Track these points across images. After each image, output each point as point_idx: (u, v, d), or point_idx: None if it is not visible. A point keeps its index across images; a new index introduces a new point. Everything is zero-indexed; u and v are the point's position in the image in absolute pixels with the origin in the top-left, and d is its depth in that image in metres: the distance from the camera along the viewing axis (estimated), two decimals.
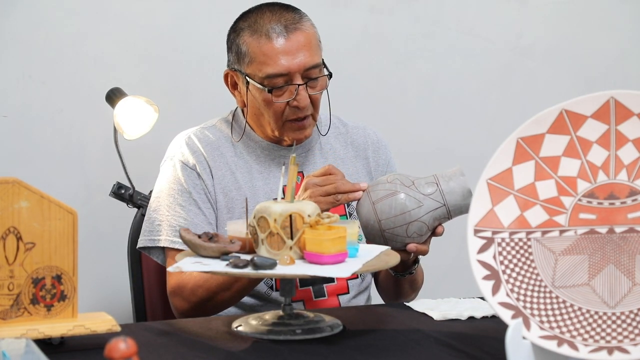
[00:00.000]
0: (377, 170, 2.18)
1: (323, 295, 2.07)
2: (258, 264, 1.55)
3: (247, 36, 2.02)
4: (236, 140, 2.10)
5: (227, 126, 2.13)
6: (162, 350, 1.55)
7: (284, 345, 1.59)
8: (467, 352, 1.55)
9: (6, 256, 1.48)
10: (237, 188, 2.06)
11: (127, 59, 2.73)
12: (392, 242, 1.84)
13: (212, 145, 2.09)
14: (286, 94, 2.00)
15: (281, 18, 2.01)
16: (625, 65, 3.23)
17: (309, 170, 2.11)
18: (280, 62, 1.98)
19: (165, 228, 2.02)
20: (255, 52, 2.00)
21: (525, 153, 1.50)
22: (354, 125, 2.22)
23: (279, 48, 1.99)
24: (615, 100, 1.47)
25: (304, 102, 2.00)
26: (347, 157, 2.17)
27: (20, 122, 2.66)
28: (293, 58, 1.99)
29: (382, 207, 1.83)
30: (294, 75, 1.99)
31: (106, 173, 2.66)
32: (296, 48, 1.99)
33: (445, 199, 1.84)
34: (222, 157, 2.08)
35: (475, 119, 3.10)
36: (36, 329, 1.47)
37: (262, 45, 1.99)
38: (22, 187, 1.48)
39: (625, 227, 1.46)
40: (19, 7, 2.64)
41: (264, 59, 1.99)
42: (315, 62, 2.01)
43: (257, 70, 2.00)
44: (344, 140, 2.19)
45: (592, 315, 1.41)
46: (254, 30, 2.01)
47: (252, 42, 2.01)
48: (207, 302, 1.94)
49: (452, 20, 3.06)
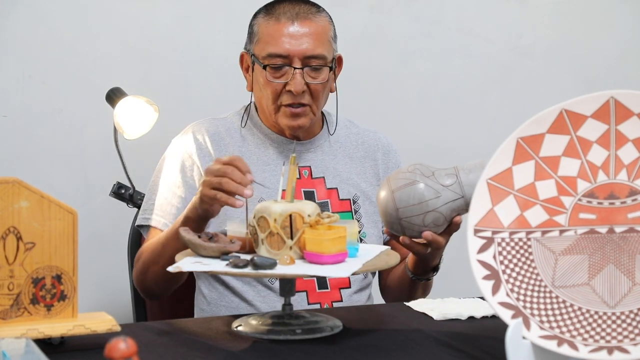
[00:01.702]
0: (387, 173, 2.19)
1: (326, 287, 2.07)
2: (258, 263, 1.55)
3: (261, 17, 2.08)
4: (242, 126, 2.13)
5: (238, 118, 2.16)
6: (162, 350, 1.55)
7: (284, 345, 1.59)
8: (467, 352, 1.55)
9: (6, 256, 1.48)
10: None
11: (127, 59, 2.73)
12: (408, 230, 1.85)
13: (217, 136, 2.11)
14: (283, 77, 2.04)
15: (296, 7, 2.06)
16: (625, 65, 3.23)
17: (317, 164, 2.12)
18: (283, 43, 2.03)
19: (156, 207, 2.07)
20: (262, 32, 2.06)
21: (525, 153, 1.50)
22: (366, 128, 2.24)
23: (284, 31, 2.04)
24: (615, 100, 1.47)
25: (298, 87, 2.02)
26: (357, 156, 2.18)
27: (20, 122, 2.66)
28: (296, 43, 2.03)
29: (401, 195, 1.83)
30: (293, 60, 2.03)
31: (106, 173, 2.66)
32: (301, 34, 2.03)
33: (464, 190, 1.84)
34: (226, 147, 2.10)
35: (475, 119, 3.10)
36: (36, 329, 1.47)
37: (270, 26, 2.05)
38: (22, 187, 1.48)
39: (625, 227, 1.46)
40: (19, 7, 2.64)
41: (268, 38, 2.05)
42: (318, 52, 2.04)
43: (261, 49, 2.05)
44: (355, 140, 2.20)
45: (592, 315, 1.41)
46: (268, 13, 2.07)
47: (262, 23, 2.07)
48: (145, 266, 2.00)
49: (452, 20, 3.06)
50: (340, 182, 2.13)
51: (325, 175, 2.13)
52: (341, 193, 2.12)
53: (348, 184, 2.14)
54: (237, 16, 2.82)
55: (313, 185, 2.11)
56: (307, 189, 2.09)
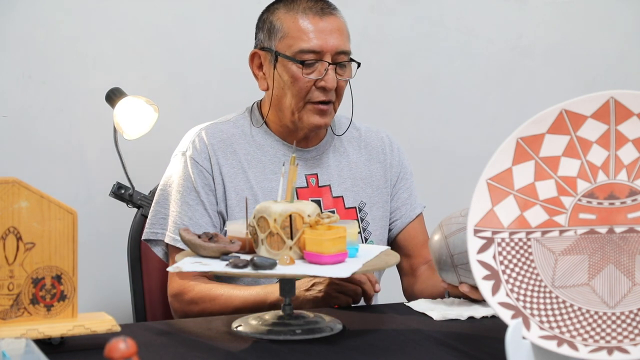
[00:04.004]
0: (391, 171, 2.18)
1: None
2: (258, 264, 1.55)
3: (282, 13, 2.05)
4: (257, 126, 2.10)
5: (244, 120, 2.13)
6: (162, 350, 1.55)
7: (284, 345, 1.59)
8: (467, 352, 1.55)
9: (6, 256, 1.48)
10: (250, 187, 2.05)
11: (127, 59, 2.73)
12: (465, 278, 1.79)
13: (224, 142, 2.08)
14: (315, 72, 2.02)
15: (317, 2, 2.05)
16: (625, 65, 3.23)
17: (323, 172, 2.11)
18: (315, 39, 2.01)
19: (169, 224, 2.03)
20: (289, 28, 2.03)
21: (525, 153, 1.50)
22: (367, 128, 2.22)
23: (315, 26, 2.02)
24: (615, 100, 1.47)
25: (332, 83, 2.02)
26: (360, 161, 2.17)
27: (20, 122, 2.66)
28: (326, 38, 2.02)
29: (455, 241, 1.79)
30: (325, 55, 2.02)
31: (106, 173, 2.66)
32: (330, 30, 2.02)
33: None
34: (234, 154, 2.07)
35: (475, 119, 3.10)
36: (36, 329, 1.47)
37: (297, 21, 2.02)
38: (22, 187, 1.48)
39: (625, 227, 1.46)
40: (19, 7, 2.64)
41: (298, 34, 2.02)
42: (346, 47, 2.04)
43: (289, 45, 2.02)
44: (357, 145, 2.19)
45: (592, 315, 1.41)
46: (290, 8, 2.04)
47: (287, 18, 2.04)
48: (202, 313, 1.95)
49: (452, 20, 3.06)
50: (345, 190, 2.12)
51: (331, 184, 2.12)
52: (347, 201, 2.12)
53: (353, 191, 2.13)
54: (237, 16, 2.82)
55: (320, 193, 2.10)
56: (314, 198, 2.08)
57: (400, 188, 2.19)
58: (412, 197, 2.20)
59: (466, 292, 1.79)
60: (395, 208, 2.18)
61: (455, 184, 3.01)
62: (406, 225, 2.18)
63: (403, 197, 2.19)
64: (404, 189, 2.20)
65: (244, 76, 2.31)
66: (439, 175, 3.07)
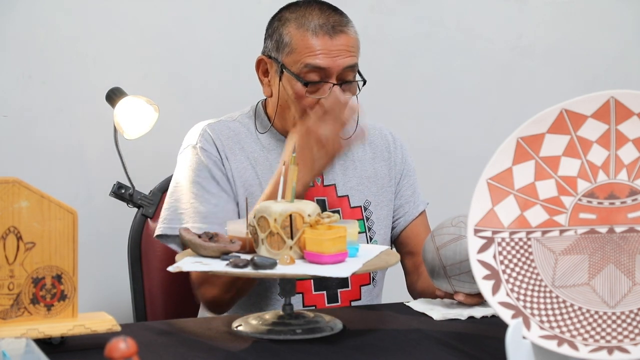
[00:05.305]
0: (395, 169, 2.18)
1: (336, 301, 2.06)
2: (258, 263, 1.55)
3: (292, 27, 2.02)
4: (262, 132, 2.09)
5: (249, 120, 2.12)
6: (162, 350, 1.55)
7: (284, 345, 1.59)
8: (467, 352, 1.55)
9: (6, 256, 1.48)
10: (259, 184, 2.05)
11: (127, 59, 2.73)
12: (460, 289, 1.79)
13: (232, 139, 2.07)
14: (319, 92, 2.00)
15: (330, 18, 2.02)
16: (625, 65, 3.23)
17: (328, 173, 2.10)
18: (321, 58, 1.99)
19: (190, 215, 2.00)
20: (298, 44, 2.00)
21: (525, 153, 1.50)
22: (371, 126, 2.21)
23: (323, 45, 1.99)
24: (615, 100, 1.47)
25: None
26: (365, 159, 2.16)
27: (20, 122, 2.66)
28: (333, 58, 1.99)
29: (447, 252, 1.78)
30: (331, 76, 1.99)
31: (106, 173, 2.66)
32: (338, 49, 1.99)
33: None
34: (242, 151, 2.07)
35: (475, 119, 3.10)
36: (36, 329, 1.47)
37: (306, 39, 2.00)
38: (22, 187, 1.48)
39: (625, 226, 1.46)
40: (19, 7, 2.64)
41: (306, 51, 1.99)
42: (353, 62, 2.01)
43: (295, 61, 2.00)
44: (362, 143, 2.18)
45: (592, 315, 1.41)
46: (301, 24, 2.01)
47: (296, 34, 2.01)
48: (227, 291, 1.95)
49: (452, 20, 3.06)
50: (351, 189, 2.12)
51: (336, 183, 2.11)
52: (352, 201, 2.11)
53: (358, 190, 2.12)
54: (237, 16, 2.82)
55: (325, 193, 2.09)
56: (319, 197, 2.08)
57: (404, 185, 2.19)
58: (416, 195, 2.20)
59: (461, 300, 1.80)
60: (399, 205, 2.18)
61: (455, 183, 3.01)
62: (409, 222, 2.18)
63: (407, 194, 2.19)
64: (408, 186, 2.19)
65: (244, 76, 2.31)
66: (439, 175, 3.07)
